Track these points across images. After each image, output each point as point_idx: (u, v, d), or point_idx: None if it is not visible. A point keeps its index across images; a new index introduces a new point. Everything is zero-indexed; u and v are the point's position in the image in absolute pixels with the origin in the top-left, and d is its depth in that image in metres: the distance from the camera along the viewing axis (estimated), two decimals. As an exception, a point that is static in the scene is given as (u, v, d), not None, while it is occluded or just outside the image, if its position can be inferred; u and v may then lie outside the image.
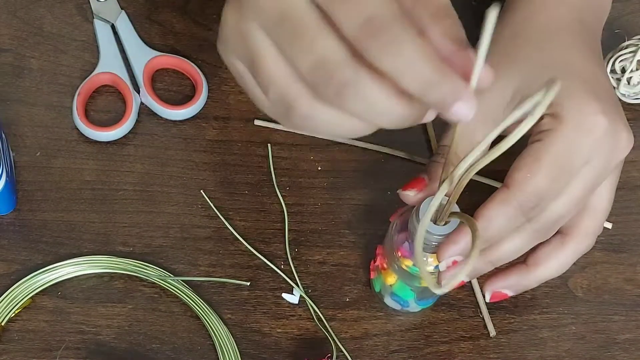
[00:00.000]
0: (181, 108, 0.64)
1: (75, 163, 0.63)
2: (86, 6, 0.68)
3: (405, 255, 0.53)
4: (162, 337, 0.57)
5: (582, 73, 0.51)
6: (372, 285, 0.59)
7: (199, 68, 0.66)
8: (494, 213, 0.48)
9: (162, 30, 0.68)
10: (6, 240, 0.60)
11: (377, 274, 0.58)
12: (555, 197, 0.49)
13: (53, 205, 0.61)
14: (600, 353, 0.59)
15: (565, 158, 0.48)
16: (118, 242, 0.60)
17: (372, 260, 0.59)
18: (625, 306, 0.61)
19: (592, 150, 0.49)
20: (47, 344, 0.56)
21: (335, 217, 0.62)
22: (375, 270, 0.58)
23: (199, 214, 0.62)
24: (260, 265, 0.60)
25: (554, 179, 0.48)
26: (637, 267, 0.62)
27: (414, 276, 0.53)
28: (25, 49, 0.66)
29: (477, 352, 0.59)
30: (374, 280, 0.59)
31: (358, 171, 0.64)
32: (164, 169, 0.63)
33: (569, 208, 0.50)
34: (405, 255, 0.53)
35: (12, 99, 0.64)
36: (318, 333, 0.58)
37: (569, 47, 0.53)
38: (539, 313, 0.60)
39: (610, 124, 0.49)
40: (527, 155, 0.49)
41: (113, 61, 0.66)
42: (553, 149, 0.48)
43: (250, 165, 0.64)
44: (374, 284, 0.59)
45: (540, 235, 0.51)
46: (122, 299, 0.58)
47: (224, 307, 0.59)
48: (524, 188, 0.48)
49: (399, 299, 0.57)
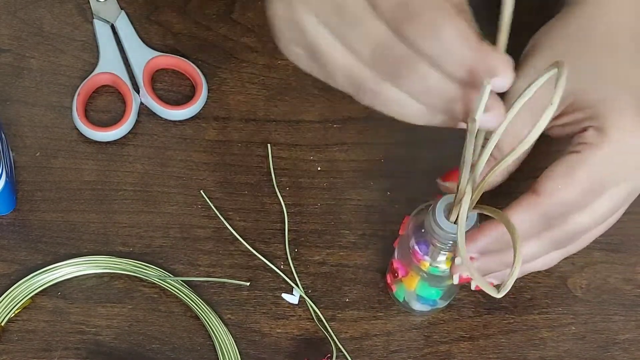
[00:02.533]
0: (181, 108, 0.64)
1: (75, 163, 0.63)
2: (86, 6, 0.68)
3: (420, 257, 0.52)
4: (162, 337, 0.57)
5: (637, 88, 0.50)
6: (395, 298, 0.59)
7: (198, 68, 0.66)
8: (519, 218, 0.48)
9: (162, 30, 0.68)
10: (6, 240, 0.60)
11: (397, 285, 0.58)
12: (580, 210, 0.48)
13: (53, 205, 0.61)
14: (599, 353, 0.59)
15: (600, 175, 0.48)
16: (118, 242, 0.60)
17: (387, 275, 0.59)
18: (625, 306, 0.61)
19: (629, 172, 0.48)
20: (46, 344, 0.56)
21: (335, 217, 0.62)
22: (395, 283, 0.58)
23: (199, 214, 0.62)
24: (260, 265, 0.60)
25: (584, 194, 0.48)
26: (636, 267, 0.62)
27: (440, 277, 0.53)
28: (25, 49, 0.66)
29: (477, 352, 0.59)
30: (397, 292, 0.59)
31: (358, 171, 0.64)
32: (164, 169, 0.63)
33: (592, 223, 0.50)
34: (420, 257, 0.52)
35: (12, 99, 0.64)
36: (318, 333, 0.58)
37: (629, 60, 0.52)
38: (539, 313, 0.60)
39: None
40: (563, 164, 0.48)
41: (113, 61, 0.66)
42: (590, 164, 0.47)
43: (250, 166, 0.64)
44: (397, 296, 0.59)
45: (558, 244, 0.50)
46: (122, 299, 0.58)
47: (224, 307, 0.59)
48: (552, 198, 0.47)
49: (427, 300, 0.57)
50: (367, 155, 0.64)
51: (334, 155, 0.64)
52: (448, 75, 0.40)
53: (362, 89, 0.42)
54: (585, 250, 0.62)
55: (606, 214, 0.50)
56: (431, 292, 0.56)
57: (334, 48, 0.42)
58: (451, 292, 0.57)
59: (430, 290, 0.56)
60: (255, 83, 0.66)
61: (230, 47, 0.68)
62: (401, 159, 0.65)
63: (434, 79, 0.40)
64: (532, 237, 0.49)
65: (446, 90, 0.40)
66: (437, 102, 0.41)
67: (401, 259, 0.55)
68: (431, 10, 0.39)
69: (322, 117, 0.65)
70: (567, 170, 0.48)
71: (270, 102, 0.66)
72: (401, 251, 0.55)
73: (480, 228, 0.49)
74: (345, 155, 0.64)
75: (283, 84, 0.67)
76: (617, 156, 0.48)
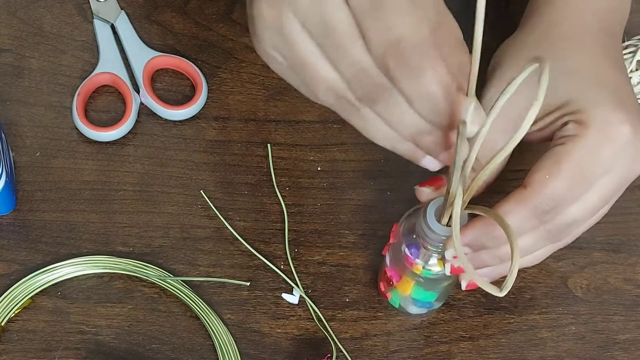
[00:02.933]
0: (181, 108, 0.64)
1: (75, 163, 0.63)
2: (86, 6, 0.68)
3: (412, 261, 0.52)
4: (162, 337, 0.57)
5: (610, 83, 0.51)
6: (391, 304, 0.59)
7: (198, 68, 0.66)
8: (509, 211, 0.48)
9: (162, 31, 0.68)
10: (6, 240, 0.60)
11: (391, 292, 0.58)
12: (571, 203, 0.49)
13: (53, 205, 0.61)
14: (600, 353, 0.59)
15: (586, 164, 0.48)
16: (118, 242, 0.60)
17: (381, 284, 0.59)
18: (625, 306, 0.61)
19: (614, 160, 0.49)
20: (46, 344, 0.56)
21: (335, 218, 0.62)
22: (389, 290, 0.58)
23: (199, 214, 0.62)
24: (260, 265, 0.60)
25: (572, 184, 0.48)
26: (636, 267, 0.62)
27: (434, 279, 0.53)
28: (25, 49, 0.66)
29: (477, 352, 0.59)
30: (392, 299, 0.59)
31: (358, 171, 0.64)
32: (164, 169, 0.63)
33: (584, 215, 0.50)
34: (412, 262, 0.52)
35: (12, 99, 0.64)
36: (318, 333, 0.58)
37: (596, 57, 0.53)
38: (539, 313, 0.60)
39: (635, 134, 0.49)
40: (548, 157, 0.49)
41: (113, 61, 0.66)
42: (575, 154, 0.48)
43: (250, 166, 0.64)
44: (392, 303, 0.59)
45: (551, 238, 0.50)
46: (121, 299, 0.58)
47: (224, 307, 0.59)
48: (541, 190, 0.48)
49: (423, 304, 0.57)
50: (367, 155, 0.64)
51: (334, 155, 0.64)
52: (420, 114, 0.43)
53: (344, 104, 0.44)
54: (586, 250, 0.62)
55: (597, 205, 0.50)
56: (427, 295, 0.56)
57: (318, 61, 0.43)
58: (446, 292, 0.57)
59: (425, 293, 0.56)
60: (255, 83, 0.66)
61: (230, 47, 0.68)
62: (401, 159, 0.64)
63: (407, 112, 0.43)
64: (526, 232, 0.50)
65: (417, 123, 0.43)
66: (407, 131, 0.44)
67: (394, 266, 0.55)
68: (419, 55, 0.41)
69: (322, 117, 0.65)
70: (553, 162, 0.48)
71: (270, 102, 0.66)
72: (393, 258, 0.55)
73: (468, 223, 0.49)
74: (345, 155, 0.64)
75: (283, 84, 0.66)
76: (600, 146, 0.48)
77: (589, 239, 0.62)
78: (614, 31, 0.56)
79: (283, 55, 0.44)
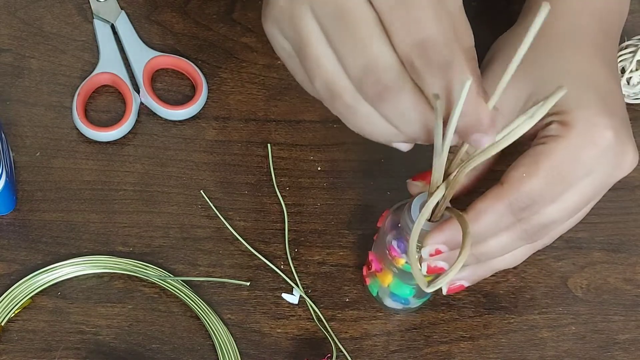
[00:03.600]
0: (181, 108, 0.64)
1: (75, 163, 0.63)
2: (86, 6, 0.68)
3: (396, 254, 0.53)
4: (162, 337, 0.57)
5: (600, 87, 0.51)
6: (369, 291, 0.59)
7: (198, 68, 0.66)
8: (485, 207, 0.48)
9: (162, 31, 0.68)
10: (6, 240, 0.60)
11: (372, 279, 0.58)
12: (549, 203, 0.49)
13: (53, 205, 0.61)
14: (600, 353, 0.59)
15: (564, 165, 0.48)
16: (118, 242, 0.60)
17: (364, 268, 0.59)
18: (625, 306, 0.61)
19: (595, 163, 0.48)
20: (46, 344, 0.56)
21: (335, 218, 0.62)
22: (370, 276, 0.58)
23: (199, 214, 0.62)
24: (260, 265, 0.60)
25: (549, 184, 0.48)
26: (636, 267, 0.62)
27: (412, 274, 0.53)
28: (25, 49, 0.66)
29: (477, 352, 0.59)
30: (370, 285, 0.59)
31: (358, 171, 0.64)
32: (164, 169, 0.63)
33: (562, 216, 0.50)
34: (396, 254, 0.53)
35: (12, 99, 0.64)
36: (318, 333, 0.58)
37: (590, 59, 0.53)
38: (539, 313, 0.60)
39: (617, 140, 0.49)
40: (527, 155, 0.49)
41: (113, 61, 0.66)
42: (554, 154, 0.48)
43: (250, 165, 0.64)
44: (370, 289, 0.59)
45: (528, 237, 0.50)
46: (121, 299, 0.58)
47: (224, 307, 0.59)
48: (517, 187, 0.48)
49: (399, 298, 0.57)
50: (367, 155, 0.65)
51: (334, 155, 0.64)
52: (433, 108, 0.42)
53: (337, 99, 0.43)
54: (586, 250, 0.62)
55: (575, 207, 0.50)
56: (404, 289, 0.56)
57: (324, 52, 0.42)
58: (423, 293, 0.57)
59: (403, 288, 0.56)
60: (255, 83, 0.67)
61: (230, 47, 0.68)
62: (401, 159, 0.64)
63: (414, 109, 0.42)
64: (502, 230, 0.49)
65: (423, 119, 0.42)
66: (409, 127, 0.43)
67: (376, 253, 0.56)
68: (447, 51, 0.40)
69: (322, 117, 0.65)
70: (532, 161, 0.48)
71: (270, 102, 0.66)
72: (378, 244, 0.55)
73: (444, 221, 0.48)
74: (345, 155, 0.64)
75: (283, 84, 0.67)
76: (582, 148, 0.48)
77: (589, 239, 0.63)
78: (611, 33, 0.56)
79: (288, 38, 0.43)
